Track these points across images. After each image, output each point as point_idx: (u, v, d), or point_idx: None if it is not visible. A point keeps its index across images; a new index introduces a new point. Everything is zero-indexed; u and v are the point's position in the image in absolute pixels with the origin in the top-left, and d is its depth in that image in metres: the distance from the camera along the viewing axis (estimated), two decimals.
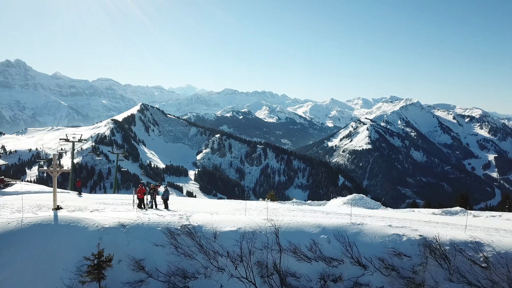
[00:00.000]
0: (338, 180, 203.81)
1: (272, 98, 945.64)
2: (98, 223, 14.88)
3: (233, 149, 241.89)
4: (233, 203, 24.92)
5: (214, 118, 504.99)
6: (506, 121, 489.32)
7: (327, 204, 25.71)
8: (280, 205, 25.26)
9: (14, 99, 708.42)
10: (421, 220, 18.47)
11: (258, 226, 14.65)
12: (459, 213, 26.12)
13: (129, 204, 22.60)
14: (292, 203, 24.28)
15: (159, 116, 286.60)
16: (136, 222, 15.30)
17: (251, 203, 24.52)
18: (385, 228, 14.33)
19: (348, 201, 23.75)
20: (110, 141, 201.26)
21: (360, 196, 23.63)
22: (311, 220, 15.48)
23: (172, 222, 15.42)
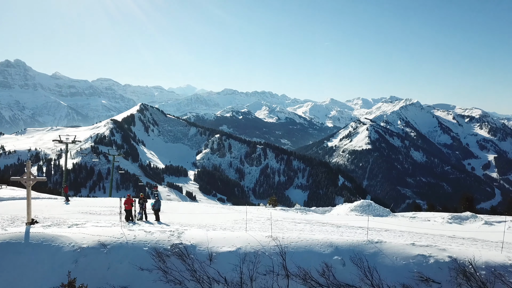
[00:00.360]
0: (338, 180, 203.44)
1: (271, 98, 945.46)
2: (74, 242, 12.95)
3: (232, 149, 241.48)
4: (232, 212, 22.39)
5: (214, 118, 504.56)
6: (506, 121, 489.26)
7: (332, 210, 24.07)
8: (283, 213, 22.63)
9: (14, 99, 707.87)
10: (445, 235, 16.25)
11: (261, 246, 12.70)
12: (469, 219, 24.61)
13: (118, 214, 20.33)
14: (296, 210, 22.65)
15: (158, 116, 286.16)
16: (119, 240, 13.31)
17: (252, 211, 22.20)
18: (407, 247, 12.43)
19: (356, 208, 22.26)
20: (110, 141, 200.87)
21: (367, 203, 22.32)
22: (322, 237, 13.62)
23: (161, 240, 13.45)
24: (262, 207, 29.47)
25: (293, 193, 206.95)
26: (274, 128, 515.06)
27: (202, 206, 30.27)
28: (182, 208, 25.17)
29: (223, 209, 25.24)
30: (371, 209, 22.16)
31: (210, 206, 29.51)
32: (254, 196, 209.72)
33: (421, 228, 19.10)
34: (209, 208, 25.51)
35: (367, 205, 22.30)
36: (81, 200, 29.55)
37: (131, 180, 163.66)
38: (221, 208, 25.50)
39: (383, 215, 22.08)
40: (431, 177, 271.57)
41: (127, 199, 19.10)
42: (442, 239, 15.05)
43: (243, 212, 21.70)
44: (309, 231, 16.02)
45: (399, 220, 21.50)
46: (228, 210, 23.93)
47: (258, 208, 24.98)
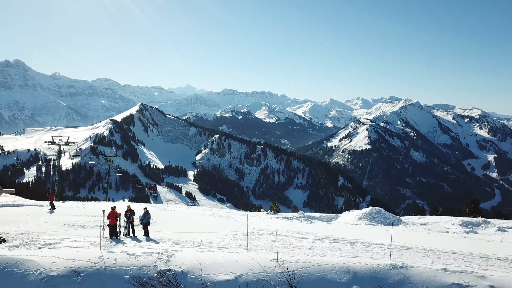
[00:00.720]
0: (338, 180, 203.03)
1: (271, 98, 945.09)
2: (42, 269, 10.91)
3: (232, 149, 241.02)
4: (231, 223, 19.83)
5: (214, 118, 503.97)
6: (506, 121, 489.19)
7: (339, 218, 21.80)
8: (287, 223, 20.17)
9: (13, 99, 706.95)
10: (476, 255, 14.16)
11: (265, 273, 10.79)
12: (481, 225, 23.37)
13: None
14: (300, 218, 20.65)
15: (158, 116, 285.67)
16: (96, 266, 11.30)
17: (253, 221, 19.48)
18: (439, 274, 10.48)
19: (365, 216, 20.54)
20: (109, 142, 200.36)
21: (377, 210, 20.80)
22: (336, 260, 11.71)
23: (146, 266, 11.40)
24: (263, 213, 27.14)
25: (293, 194, 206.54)
26: (273, 128, 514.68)
27: (200, 212, 27.84)
28: (177, 216, 22.70)
29: (222, 218, 22.09)
30: (380, 217, 20.43)
31: (208, 213, 26.43)
32: (254, 196, 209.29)
33: (442, 242, 17.18)
34: (206, 217, 22.35)
35: (377, 213, 20.55)
36: (68, 208, 26.61)
37: (130, 181, 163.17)
38: (220, 217, 22.23)
39: (394, 224, 20.25)
40: (431, 177, 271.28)
41: (111, 213, 16.74)
42: (474, 260, 13.23)
43: (243, 222, 19.28)
44: (319, 249, 14.22)
45: (413, 230, 19.27)
46: (227, 221, 20.78)
47: (259, 216, 22.29)
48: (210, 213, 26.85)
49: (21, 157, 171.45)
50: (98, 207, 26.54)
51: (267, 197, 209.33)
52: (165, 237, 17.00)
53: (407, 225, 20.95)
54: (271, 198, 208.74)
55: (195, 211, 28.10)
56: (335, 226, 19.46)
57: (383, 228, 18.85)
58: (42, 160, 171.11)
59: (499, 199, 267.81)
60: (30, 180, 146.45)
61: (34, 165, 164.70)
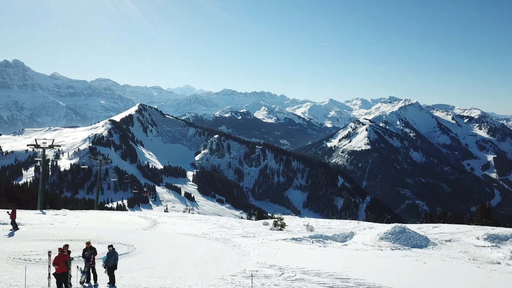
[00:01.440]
0: (338, 181, 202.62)
1: (271, 99, 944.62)
2: None
3: (231, 149, 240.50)
4: (229, 251, 14.78)
5: (213, 119, 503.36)
6: (505, 121, 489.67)
7: (355, 237, 18.02)
8: (298, 248, 15.84)
9: (12, 100, 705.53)
10: None
11: None
12: (509, 239, 20.46)
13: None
14: (311, 239, 16.77)
15: (157, 117, 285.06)
16: None
17: (256, 250, 14.92)
18: None
19: (387, 236, 16.98)
20: (108, 142, 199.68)
21: (400, 228, 17.33)
22: None
23: None
24: (266, 227, 22.85)
25: (293, 194, 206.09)
26: (273, 129, 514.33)
27: (195, 225, 24.13)
28: (165, 240, 17.20)
29: (218, 242, 17.21)
30: (405, 237, 16.92)
31: (203, 228, 21.96)
32: (253, 197, 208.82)
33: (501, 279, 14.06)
34: (200, 241, 17.30)
35: (401, 232, 17.17)
36: (37, 226, 20.96)
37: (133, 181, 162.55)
38: (216, 240, 17.65)
39: (421, 245, 16.71)
40: (431, 178, 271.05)
41: (58, 256, 12.01)
42: None
43: (243, 248, 14.33)
44: None
45: (452, 258, 14.81)
46: (224, 247, 15.55)
47: (262, 236, 17.71)
48: (206, 228, 22.84)
49: (19, 158, 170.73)
50: (78, 223, 22.35)
51: (266, 198, 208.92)
52: (139, 286, 12.40)
53: (436, 246, 17.00)
54: (271, 198, 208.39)
55: (188, 227, 23.31)
56: (356, 254, 15.08)
57: (412, 254, 14.82)
58: None
59: (498, 199, 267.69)
60: (28, 181, 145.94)
61: (32, 165, 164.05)
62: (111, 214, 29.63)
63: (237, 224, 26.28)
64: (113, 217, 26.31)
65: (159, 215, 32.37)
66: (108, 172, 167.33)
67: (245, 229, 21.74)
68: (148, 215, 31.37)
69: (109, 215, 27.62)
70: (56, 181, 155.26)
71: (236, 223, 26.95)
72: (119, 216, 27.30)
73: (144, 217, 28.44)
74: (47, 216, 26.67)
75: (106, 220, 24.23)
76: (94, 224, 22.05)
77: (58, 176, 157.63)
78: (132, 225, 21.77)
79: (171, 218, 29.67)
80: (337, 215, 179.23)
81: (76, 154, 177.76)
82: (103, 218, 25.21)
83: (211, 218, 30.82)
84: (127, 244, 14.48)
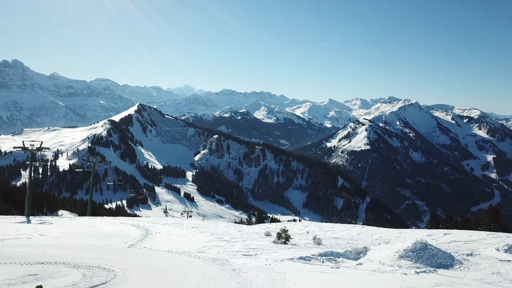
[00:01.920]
0: (337, 181, 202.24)
1: (270, 99, 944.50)
2: None
3: (231, 150, 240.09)
4: (227, 278, 12.13)
5: (212, 119, 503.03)
6: (504, 121, 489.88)
7: (369, 253, 15.62)
8: (308, 271, 13.36)
9: (12, 100, 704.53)
10: None
11: None
12: None
13: None
14: (321, 257, 14.56)
15: (156, 117, 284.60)
16: None
17: (258, 276, 12.43)
18: None
19: (407, 254, 14.56)
20: (107, 142, 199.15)
21: (422, 245, 14.94)
22: None
23: None
24: (269, 239, 20.31)
25: (292, 194, 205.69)
26: (272, 129, 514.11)
27: (191, 236, 21.06)
28: (152, 259, 13.95)
29: (215, 264, 14.19)
30: (428, 255, 14.54)
31: (200, 242, 19.04)
32: (252, 197, 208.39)
33: None
34: (194, 263, 14.05)
35: (422, 249, 14.89)
36: (8, 243, 17.15)
37: (128, 182, 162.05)
38: (213, 261, 14.41)
39: (447, 265, 14.31)
40: (430, 178, 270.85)
41: None
42: None
43: (243, 274, 12.37)
44: None
45: (483, 282, 12.50)
46: (222, 272, 12.98)
47: (266, 256, 14.99)
48: (203, 240, 19.58)
49: (18, 158, 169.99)
50: (60, 235, 19.24)
51: (266, 198, 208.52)
52: None
53: (463, 265, 14.46)
54: (270, 199, 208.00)
55: (183, 239, 20.36)
56: (376, 278, 12.62)
57: (442, 279, 12.39)
58: (39, 161, 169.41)
59: (498, 199, 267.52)
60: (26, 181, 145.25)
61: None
62: (101, 222, 26.66)
63: (237, 233, 23.69)
64: (102, 227, 22.83)
65: (154, 222, 29.14)
66: (107, 172, 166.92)
67: (245, 241, 19.34)
68: (142, 222, 28.42)
69: (99, 223, 24.92)
70: (55, 182, 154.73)
71: (236, 232, 24.22)
72: (109, 225, 24.64)
73: (137, 225, 25.44)
74: (29, 226, 22.95)
75: (93, 231, 21.22)
76: (77, 237, 19.41)
77: (57, 177, 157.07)
78: (120, 238, 19.24)
79: (165, 226, 26.42)
80: (337, 216, 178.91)
81: (75, 154, 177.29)
82: (91, 228, 22.57)
83: (209, 226, 27.67)
84: (107, 269, 11.84)
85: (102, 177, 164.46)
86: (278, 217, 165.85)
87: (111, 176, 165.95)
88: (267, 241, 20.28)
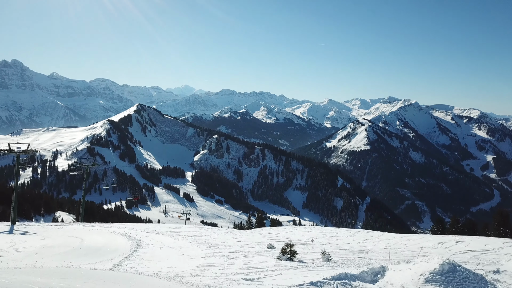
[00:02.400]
0: (337, 181, 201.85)
1: (270, 99, 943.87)
2: None
3: (231, 150, 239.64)
4: None
5: (212, 119, 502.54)
6: (504, 122, 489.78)
7: (388, 274, 13.47)
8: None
9: (11, 100, 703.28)
10: None
11: None
12: None
13: None
14: (334, 280, 12.39)
15: (156, 117, 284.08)
16: None
17: None
18: None
19: (435, 278, 12.21)
20: (106, 142, 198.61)
21: (450, 266, 12.61)
22: None
23: None
24: (272, 254, 18.64)
25: (292, 195, 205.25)
26: (272, 129, 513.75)
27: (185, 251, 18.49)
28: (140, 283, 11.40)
29: None
30: (458, 278, 12.30)
31: (197, 258, 17.13)
32: (252, 198, 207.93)
33: None
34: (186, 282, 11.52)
35: (451, 271, 12.67)
36: None
37: (128, 182, 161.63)
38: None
39: None
40: (430, 178, 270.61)
41: None
42: None
43: None
44: None
45: None
46: None
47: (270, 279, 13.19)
48: (198, 255, 17.77)
49: None
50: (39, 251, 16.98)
51: (265, 198, 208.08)
52: None
53: None
54: (270, 199, 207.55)
55: (176, 253, 18.35)
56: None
57: None
58: (38, 161, 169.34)
59: (498, 199, 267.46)
60: (25, 181, 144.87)
61: (29, 166, 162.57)
62: (90, 231, 23.84)
63: (236, 244, 20.87)
64: (89, 238, 20.58)
65: (147, 230, 25.88)
66: (107, 173, 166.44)
67: (246, 258, 17.04)
68: (134, 231, 25.02)
69: (87, 233, 22.31)
70: (54, 182, 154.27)
71: (235, 243, 21.38)
72: (97, 235, 21.90)
73: (128, 235, 22.53)
74: (8, 238, 20.54)
75: (78, 244, 18.66)
76: (58, 252, 17.14)
77: (56, 177, 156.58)
78: (106, 254, 16.90)
79: (159, 236, 23.33)
80: (336, 216, 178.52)
81: (74, 155, 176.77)
82: (76, 240, 19.91)
83: (207, 234, 24.86)
84: None
85: (101, 177, 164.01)
86: (278, 217, 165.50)
87: (109, 177, 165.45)
88: (270, 257, 17.92)
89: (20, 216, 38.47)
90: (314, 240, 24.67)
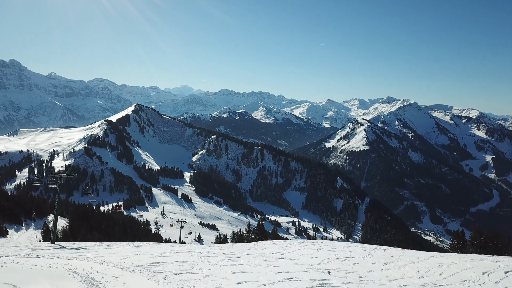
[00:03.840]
0: (337, 182, 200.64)
1: (268, 99, 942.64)
2: None
3: (229, 150, 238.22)
4: None
5: (211, 119, 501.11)
6: (503, 122, 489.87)
7: None
8: None
9: (9, 100, 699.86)
10: None
11: None
12: None
13: None
14: None
15: (154, 117, 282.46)
16: None
17: None
18: None
19: None
20: (104, 142, 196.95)
21: None
22: None
23: None
24: None
25: (291, 195, 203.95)
26: (271, 129, 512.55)
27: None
28: None
29: None
30: None
31: None
32: (251, 198, 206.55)
33: None
34: None
35: None
36: None
37: (125, 183, 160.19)
38: None
39: None
40: (429, 178, 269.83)
41: None
42: None
43: None
44: None
45: None
46: None
47: None
48: None
49: (13, 159, 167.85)
50: None
51: (264, 199, 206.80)
52: None
53: None
54: (269, 200, 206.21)
55: None
56: None
57: None
58: (35, 162, 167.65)
59: (497, 200, 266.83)
60: (21, 182, 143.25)
61: (26, 166, 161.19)
62: (30, 272, 14.22)
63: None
64: None
65: (119, 262, 17.43)
66: (104, 173, 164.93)
67: None
68: (104, 267, 16.26)
69: (24, 276, 13.23)
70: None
71: (232, 282, 14.36)
72: (42, 280, 13.03)
73: (90, 279, 13.48)
74: None
75: None
76: None
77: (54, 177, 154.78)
78: None
79: (135, 275, 14.71)
80: (336, 217, 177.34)
81: (71, 155, 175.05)
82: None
83: (198, 267, 17.07)
84: None
85: (98, 178, 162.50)
86: (277, 218, 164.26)
87: (107, 177, 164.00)
88: None
89: (9, 221, 37.03)
90: (331, 272, 17.52)
